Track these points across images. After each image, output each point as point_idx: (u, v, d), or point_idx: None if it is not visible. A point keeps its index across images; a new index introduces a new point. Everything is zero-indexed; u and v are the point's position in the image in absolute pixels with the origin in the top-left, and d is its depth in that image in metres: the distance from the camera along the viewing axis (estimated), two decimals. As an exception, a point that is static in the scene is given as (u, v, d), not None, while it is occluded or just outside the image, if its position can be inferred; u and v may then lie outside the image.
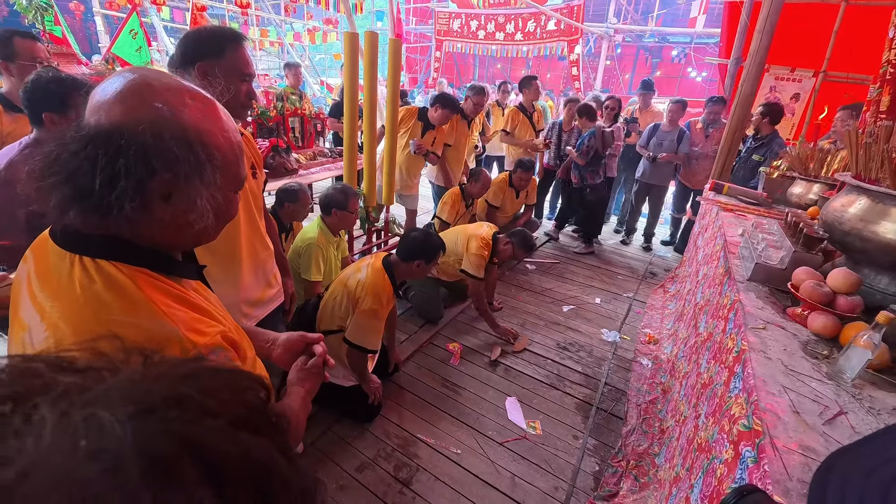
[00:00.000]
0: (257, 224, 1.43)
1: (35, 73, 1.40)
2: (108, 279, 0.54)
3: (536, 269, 3.93)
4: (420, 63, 14.42)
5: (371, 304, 1.86)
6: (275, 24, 12.49)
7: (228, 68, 1.17)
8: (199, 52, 1.16)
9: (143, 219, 0.56)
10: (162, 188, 0.55)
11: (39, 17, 3.52)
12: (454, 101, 3.42)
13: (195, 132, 0.56)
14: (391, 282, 1.98)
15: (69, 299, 0.53)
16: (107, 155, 0.51)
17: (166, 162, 0.53)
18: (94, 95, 0.54)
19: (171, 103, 0.54)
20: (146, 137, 0.52)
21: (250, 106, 1.28)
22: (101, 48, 8.00)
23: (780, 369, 1.07)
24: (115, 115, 0.52)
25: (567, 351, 2.71)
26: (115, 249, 0.56)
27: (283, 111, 3.54)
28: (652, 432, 1.98)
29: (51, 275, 0.55)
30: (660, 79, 13.13)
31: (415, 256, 2.03)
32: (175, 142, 0.54)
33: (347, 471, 1.79)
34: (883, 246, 1.28)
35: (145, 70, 0.56)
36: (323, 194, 2.42)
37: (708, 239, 2.60)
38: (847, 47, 3.71)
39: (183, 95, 0.56)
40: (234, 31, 1.22)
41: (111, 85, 0.54)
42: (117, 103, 0.52)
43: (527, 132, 4.44)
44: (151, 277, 0.58)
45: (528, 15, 9.18)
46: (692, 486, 1.20)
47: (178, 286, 0.62)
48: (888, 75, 1.95)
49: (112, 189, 0.51)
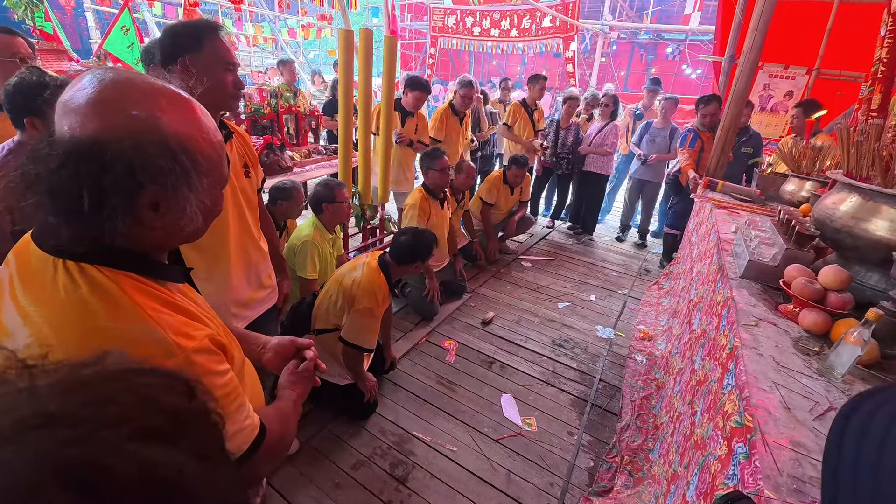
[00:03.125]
0: (248, 224, 1.41)
1: (18, 76, 1.33)
2: (92, 284, 0.53)
3: (532, 266, 3.94)
4: (415, 59, 14.37)
5: (367, 302, 1.85)
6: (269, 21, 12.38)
7: (210, 60, 1.16)
8: (178, 47, 1.15)
9: (134, 230, 0.55)
10: (150, 200, 0.54)
11: (30, 13, 3.48)
12: (423, 82, 3.43)
13: (176, 140, 0.55)
14: (387, 280, 1.97)
15: (53, 304, 0.53)
16: (90, 172, 0.49)
17: (152, 175, 0.53)
18: (64, 101, 0.52)
19: (147, 110, 0.53)
20: (129, 152, 0.50)
21: (239, 96, 1.27)
22: (92, 44, 7.91)
23: (771, 366, 1.08)
24: (92, 127, 0.50)
25: (562, 348, 2.72)
26: (99, 254, 0.55)
27: (277, 108, 3.52)
28: (646, 428, 1.99)
29: (34, 279, 0.54)
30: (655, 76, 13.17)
31: (410, 259, 2.03)
32: (158, 153, 0.53)
33: (343, 468, 1.79)
34: (873, 243, 1.29)
35: (116, 72, 0.54)
36: (309, 196, 2.44)
37: (702, 236, 2.61)
38: (840, 45, 3.74)
39: (159, 99, 0.55)
40: (210, 23, 1.20)
41: (82, 91, 0.51)
42: (92, 113, 0.50)
43: (526, 128, 4.48)
44: (137, 281, 0.57)
45: (523, 11, 9.15)
46: (689, 483, 1.21)
47: (164, 290, 0.61)
48: (879, 73, 1.97)
49: (101, 207, 0.51)
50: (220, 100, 1.22)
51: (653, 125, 4.30)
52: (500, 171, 3.90)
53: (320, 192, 2.35)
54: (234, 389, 0.64)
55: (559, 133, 4.45)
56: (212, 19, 1.31)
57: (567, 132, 4.42)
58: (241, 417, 0.64)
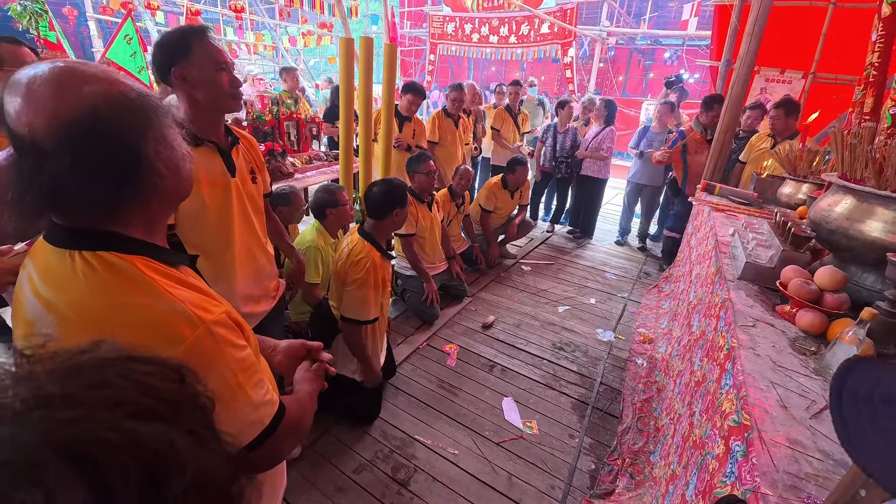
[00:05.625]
0: (255, 228, 1.43)
1: None
2: (110, 267, 0.56)
3: (532, 269, 3.95)
4: (415, 66, 14.47)
5: (356, 273, 1.80)
6: (269, 28, 12.50)
7: (201, 63, 1.16)
8: (169, 57, 1.16)
9: (150, 194, 0.59)
10: (153, 147, 0.57)
11: (34, 23, 3.52)
12: (417, 86, 3.51)
13: (132, 91, 0.57)
14: (375, 245, 1.90)
15: (75, 289, 0.55)
16: (93, 145, 0.52)
17: (145, 123, 0.56)
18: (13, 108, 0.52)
19: (94, 81, 0.54)
20: (110, 114, 0.53)
21: (238, 95, 1.25)
22: (94, 52, 7.99)
23: (768, 365, 1.09)
24: (80, 103, 0.52)
25: (563, 351, 2.73)
26: (110, 241, 0.58)
27: (278, 115, 3.55)
28: (647, 430, 2.00)
29: (53, 272, 0.57)
30: (653, 81, 13.25)
31: (388, 209, 1.91)
32: (134, 103, 0.56)
33: (345, 472, 1.79)
34: (868, 244, 1.31)
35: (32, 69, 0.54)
36: (311, 203, 2.46)
37: (701, 239, 2.63)
38: (836, 49, 3.77)
39: (89, 70, 0.55)
40: (195, 27, 1.20)
41: (29, 91, 0.51)
42: (55, 102, 0.51)
43: (512, 132, 4.66)
44: (150, 262, 0.60)
45: (521, 18, 9.24)
46: (687, 483, 1.22)
47: (177, 272, 0.63)
48: (871, 78, 1.99)
49: (133, 167, 0.55)
50: (218, 101, 1.22)
51: (650, 129, 4.36)
52: (497, 177, 3.94)
53: (322, 198, 2.38)
54: (253, 364, 0.65)
55: (557, 137, 4.49)
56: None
57: (565, 136, 4.47)
58: (261, 393, 0.65)
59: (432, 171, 2.97)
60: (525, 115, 4.80)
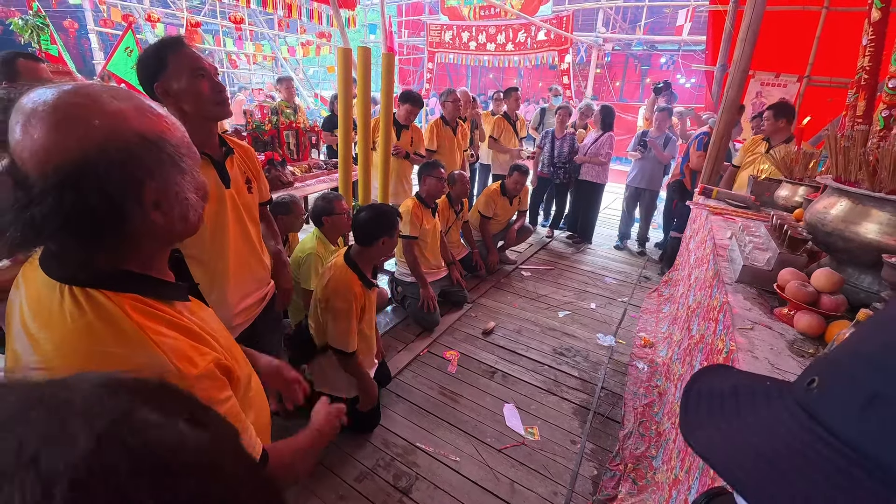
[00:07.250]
0: (251, 238, 1.44)
1: None
2: (98, 309, 0.54)
3: (531, 275, 3.96)
4: (413, 74, 14.58)
5: (336, 303, 1.79)
6: (268, 39, 12.62)
7: (178, 74, 1.15)
8: (148, 74, 1.15)
9: (144, 237, 0.57)
10: (154, 196, 0.56)
11: (36, 37, 3.56)
12: (414, 95, 3.57)
13: (150, 132, 0.55)
14: (357, 274, 1.85)
15: (60, 330, 0.54)
16: (93, 189, 0.50)
17: (149, 170, 0.55)
18: (12, 137, 0.50)
19: (107, 115, 0.52)
20: (118, 156, 0.51)
21: (223, 100, 1.21)
22: (95, 65, 8.06)
23: (766, 368, 1.10)
24: (70, 151, 0.49)
25: (563, 356, 2.73)
26: (103, 278, 0.56)
27: (277, 125, 3.58)
28: (649, 435, 1.99)
29: (41, 305, 0.55)
30: (650, 86, 13.30)
31: (375, 236, 1.86)
32: (144, 148, 0.54)
33: (347, 481, 1.79)
34: (864, 245, 1.32)
35: (46, 93, 0.51)
36: (310, 211, 2.50)
37: (699, 242, 2.64)
38: (830, 52, 3.81)
39: (108, 101, 0.53)
40: (168, 39, 1.18)
41: (35, 122, 0.49)
42: (61, 138, 0.49)
43: (511, 139, 4.71)
44: (141, 303, 0.58)
45: (518, 26, 9.33)
46: (690, 488, 1.22)
47: (170, 310, 0.62)
48: (863, 81, 2.02)
49: (121, 218, 0.53)
50: (202, 109, 1.19)
51: (648, 134, 4.39)
52: (496, 183, 3.96)
53: (319, 206, 2.41)
54: (237, 415, 0.65)
55: (555, 143, 4.52)
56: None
57: (563, 142, 4.50)
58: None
59: (444, 178, 3.05)
60: (522, 120, 4.86)
